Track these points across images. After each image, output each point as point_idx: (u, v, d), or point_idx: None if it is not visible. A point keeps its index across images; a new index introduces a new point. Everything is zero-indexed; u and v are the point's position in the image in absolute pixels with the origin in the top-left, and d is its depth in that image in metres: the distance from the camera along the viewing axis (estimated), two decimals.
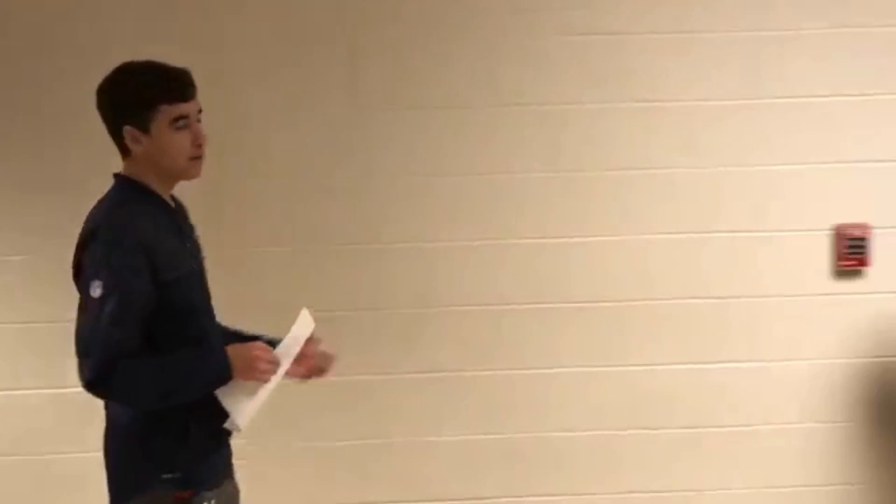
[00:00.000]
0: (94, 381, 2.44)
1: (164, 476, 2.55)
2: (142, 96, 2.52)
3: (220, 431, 2.59)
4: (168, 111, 2.53)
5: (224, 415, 2.53)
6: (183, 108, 2.55)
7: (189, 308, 2.58)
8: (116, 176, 2.61)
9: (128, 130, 2.54)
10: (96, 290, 2.45)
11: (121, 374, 2.43)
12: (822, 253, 3.84)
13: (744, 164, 3.78)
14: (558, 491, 3.88)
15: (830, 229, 3.82)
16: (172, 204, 2.66)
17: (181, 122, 2.54)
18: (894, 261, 3.69)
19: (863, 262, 3.82)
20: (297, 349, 2.65)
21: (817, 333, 3.87)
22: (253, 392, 2.55)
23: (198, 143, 2.57)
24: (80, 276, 2.52)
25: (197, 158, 2.58)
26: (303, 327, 2.69)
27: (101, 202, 2.59)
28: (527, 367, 3.79)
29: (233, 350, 2.54)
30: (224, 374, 2.51)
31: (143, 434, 2.55)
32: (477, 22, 3.71)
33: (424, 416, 3.81)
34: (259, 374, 2.55)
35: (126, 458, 2.59)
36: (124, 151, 2.58)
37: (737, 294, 3.81)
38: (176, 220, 2.64)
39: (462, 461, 3.85)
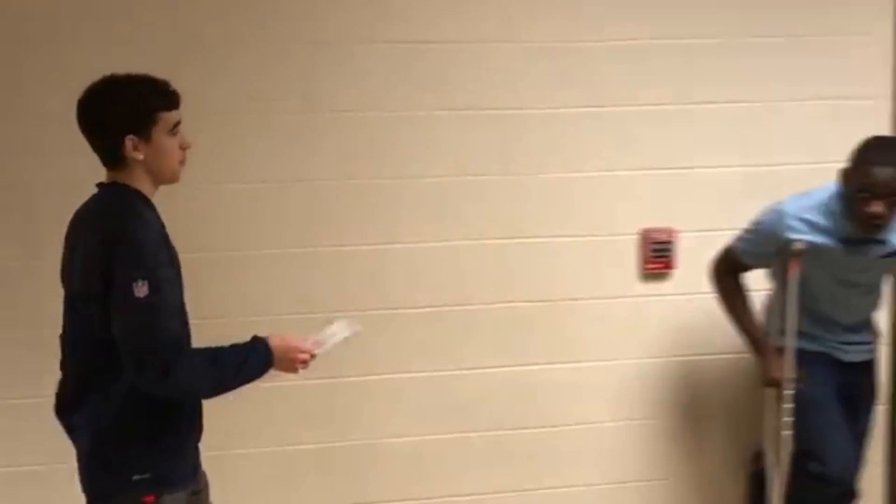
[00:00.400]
0: (162, 377, 2.53)
1: (135, 478, 2.62)
2: (143, 106, 2.63)
3: (190, 430, 2.71)
4: (167, 118, 2.66)
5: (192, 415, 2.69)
6: (176, 114, 2.68)
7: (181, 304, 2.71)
8: (112, 185, 2.68)
9: (129, 140, 2.63)
10: (142, 291, 2.53)
11: (184, 366, 2.56)
12: (629, 256, 3.94)
13: (555, 171, 3.84)
14: (376, 498, 3.87)
15: (637, 233, 3.91)
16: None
17: (176, 129, 2.69)
18: (696, 263, 3.80)
19: (668, 265, 3.94)
20: (330, 345, 2.79)
21: (626, 334, 3.97)
22: None
23: (184, 148, 2.72)
24: (114, 278, 2.55)
25: (182, 163, 2.72)
26: (344, 329, 2.82)
27: (106, 211, 2.65)
28: (343, 374, 3.76)
29: (273, 341, 2.68)
30: (268, 367, 2.67)
31: (118, 436, 2.62)
32: (295, 28, 3.66)
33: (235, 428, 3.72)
34: (297, 366, 2.72)
35: (101, 460, 2.65)
36: (116, 161, 2.66)
37: (548, 297, 3.87)
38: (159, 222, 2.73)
39: (276, 471, 3.79)
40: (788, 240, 3.46)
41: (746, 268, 3.62)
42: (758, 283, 3.70)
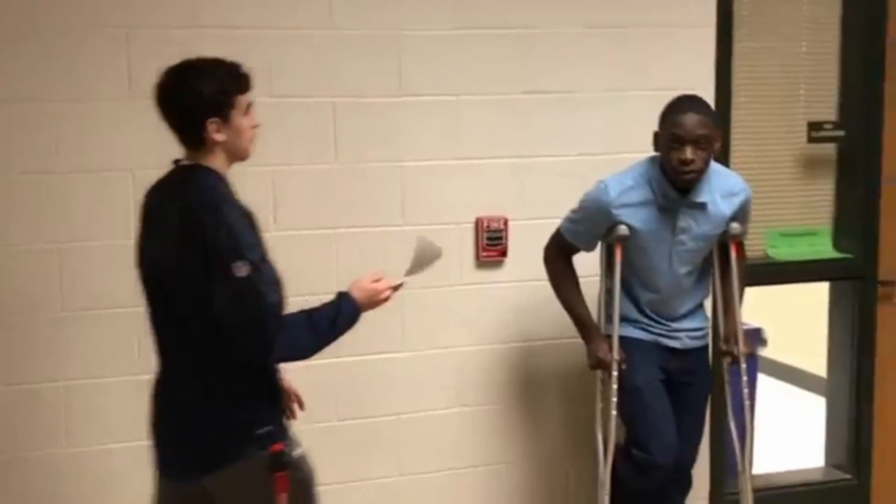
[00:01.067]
0: (269, 350, 2.71)
1: (258, 432, 2.79)
2: (223, 92, 2.79)
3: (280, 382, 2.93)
4: (242, 100, 2.83)
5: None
6: (249, 96, 2.85)
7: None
8: (195, 167, 2.82)
9: (212, 123, 2.78)
10: (242, 270, 2.67)
11: (286, 336, 2.72)
12: (466, 245, 3.97)
13: (387, 160, 3.84)
14: None
15: (472, 222, 3.95)
16: None
17: (249, 109, 2.85)
18: (529, 251, 3.86)
19: (502, 253, 3.99)
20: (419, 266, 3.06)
21: (463, 322, 4.00)
22: None
23: (255, 127, 2.89)
24: (214, 261, 2.67)
25: (252, 142, 2.89)
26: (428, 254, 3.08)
27: (195, 196, 2.76)
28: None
29: (355, 293, 2.89)
30: (357, 316, 2.89)
31: (230, 401, 2.78)
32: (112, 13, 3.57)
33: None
34: (382, 301, 2.95)
35: (217, 427, 2.78)
36: (197, 143, 2.81)
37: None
38: None
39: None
40: (612, 216, 3.54)
41: (575, 250, 3.69)
42: (591, 269, 3.78)
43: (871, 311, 4.56)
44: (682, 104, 3.48)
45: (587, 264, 3.75)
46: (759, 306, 3.95)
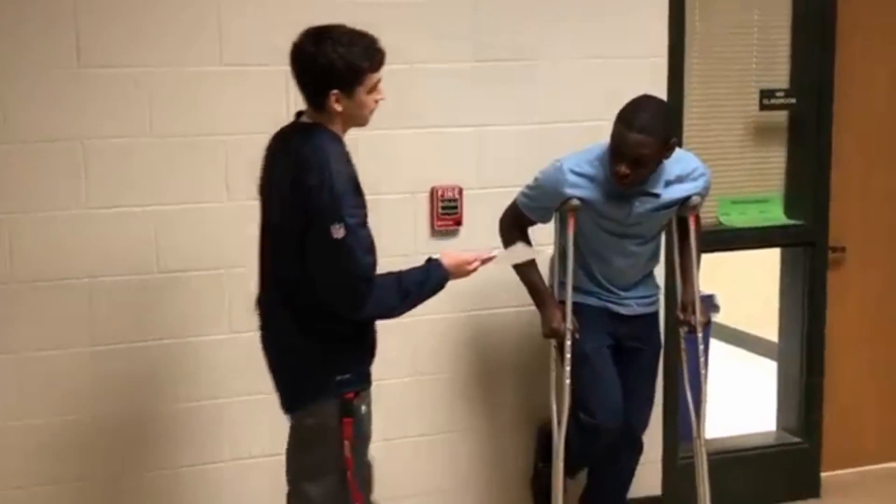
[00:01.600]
0: (359, 308, 2.94)
1: (337, 378, 3.01)
2: (353, 68, 2.91)
3: (373, 340, 3.10)
4: (370, 79, 2.95)
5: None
6: (378, 75, 2.97)
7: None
8: (314, 126, 2.98)
9: (333, 94, 2.91)
10: (339, 232, 2.85)
11: (375, 295, 2.94)
12: (421, 214, 3.96)
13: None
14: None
15: (427, 191, 3.94)
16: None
17: (377, 86, 2.97)
18: (483, 220, 3.86)
19: (457, 222, 3.99)
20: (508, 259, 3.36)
21: None
22: None
23: (377, 101, 3.01)
24: (316, 220, 2.87)
25: (372, 112, 3.03)
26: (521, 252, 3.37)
27: (315, 150, 2.93)
28: None
29: (444, 260, 3.11)
30: (444, 280, 3.10)
31: (318, 346, 3.01)
32: None
33: None
34: (470, 272, 3.16)
35: (304, 368, 3.04)
36: (318, 106, 2.97)
37: None
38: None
39: None
40: (566, 194, 3.56)
41: (530, 222, 3.71)
42: (548, 238, 3.79)
43: (821, 276, 4.62)
44: (633, 118, 3.42)
45: (544, 234, 3.77)
46: (711, 273, 3.98)
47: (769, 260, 4.89)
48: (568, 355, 3.61)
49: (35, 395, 3.64)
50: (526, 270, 3.69)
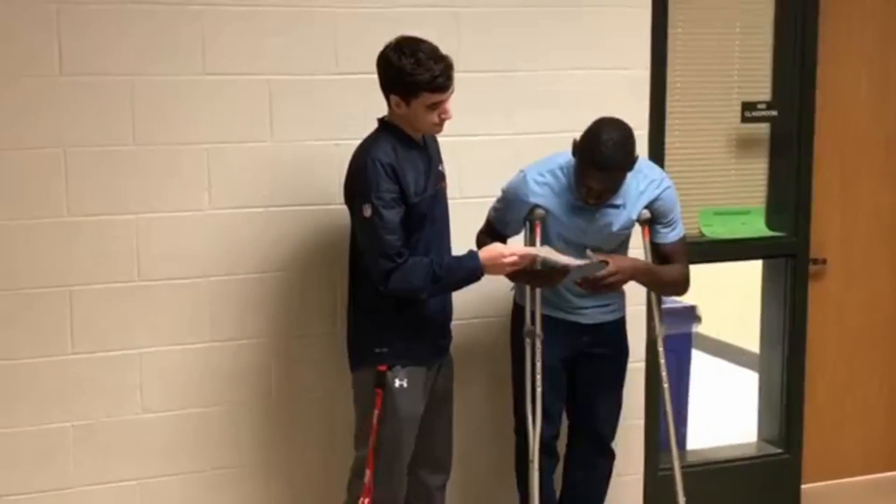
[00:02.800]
0: (382, 280, 3.28)
1: (376, 350, 3.38)
2: (413, 83, 3.23)
3: (427, 322, 3.43)
4: (428, 98, 3.26)
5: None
6: (439, 97, 3.27)
7: (427, 220, 3.37)
8: (380, 120, 3.40)
9: (394, 98, 3.29)
10: (367, 211, 3.25)
11: (401, 274, 3.27)
12: None
13: (325, 139, 3.81)
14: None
15: None
16: (422, 143, 3.42)
17: (435, 106, 3.28)
18: (464, 230, 3.81)
19: None
20: (563, 260, 3.46)
21: None
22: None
23: (442, 119, 3.33)
24: (353, 200, 3.35)
25: (439, 126, 3.36)
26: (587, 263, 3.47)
27: (366, 141, 3.38)
28: None
29: (482, 253, 3.38)
30: (478, 272, 3.36)
31: (368, 317, 3.43)
32: None
33: None
34: (506, 266, 3.38)
35: (357, 336, 3.48)
36: (387, 104, 3.33)
37: None
38: (424, 156, 3.41)
39: None
40: (529, 202, 3.59)
41: (503, 235, 3.71)
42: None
43: (803, 288, 4.63)
44: (600, 152, 3.39)
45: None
46: (693, 284, 3.99)
47: (751, 271, 4.91)
48: (538, 363, 3.62)
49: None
50: None
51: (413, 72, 3.22)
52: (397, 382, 3.39)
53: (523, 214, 3.63)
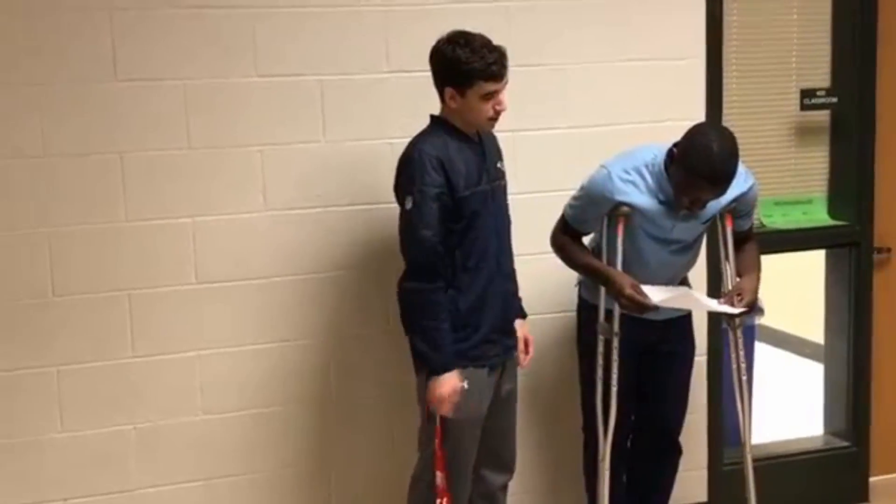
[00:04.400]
0: (409, 274, 3.32)
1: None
2: (467, 72, 3.24)
3: (487, 323, 3.40)
4: (483, 87, 3.25)
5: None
6: (493, 86, 3.27)
7: (474, 217, 3.33)
8: (433, 116, 3.39)
9: (448, 91, 3.29)
10: (409, 203, 3.26)
11: (421, 290, 3.30)
12: None
13: (375, 138, 3.81)
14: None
15: None
16: (476, 139, 3.40)
17: (490, 96, 3.26)
18: (524, 225, 3.78)
19: None
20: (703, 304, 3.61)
21: None
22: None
23: (497, 111, 3.31)
24: (399, 193, 3.35)
25: (493, 120, 3.34)
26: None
27: (417, 136, 3.38)
28: None
29: (442, 378, 3.32)
30: (431, 371, 3.34)
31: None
32: None
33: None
34: (441, 405, 3.33)
35: (412, 339, 3.39)
36: (441, 99, 3.35)
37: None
38: (477, 151, 3.39)
39: None
40: (615, 200, 3.52)
41: (582, 234, 3.67)
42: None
43: (867, 277, 4.54)
44: (717, 167, 3.33)
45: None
46: None
47: (814, 261, 4.83)
48: (616, 360, 3.58)
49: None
50: (583, 260, 3.63)
51: (468, 60, 3.23)
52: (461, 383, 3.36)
53: (605, 212, 3.58)
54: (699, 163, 3.35)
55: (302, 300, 3.82)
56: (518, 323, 3.62)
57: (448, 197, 3.28)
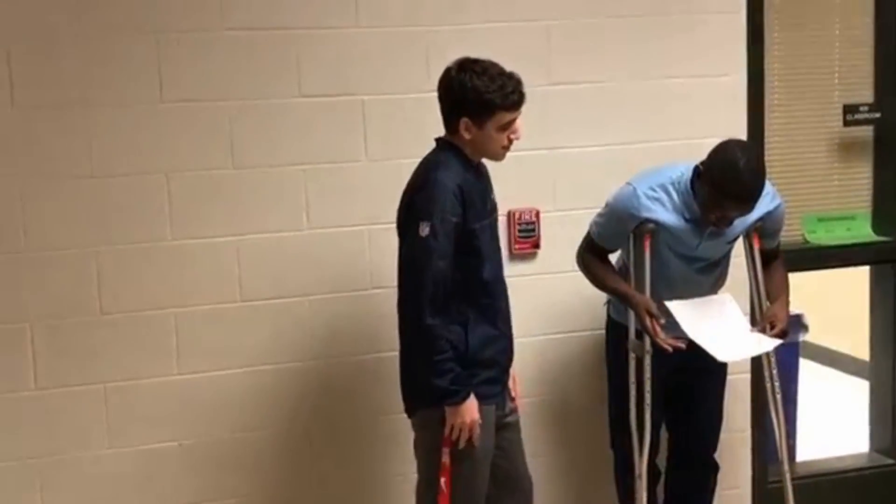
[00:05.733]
0: (414, 309, 3.11)
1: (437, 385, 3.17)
2: (487, 102, 3.10)
3: (493, 359, 3.26)
4: (502, 117, 3.13)
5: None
6: (512, 115, 3.15)
7: (479, 251, 3.20)
8: (440, 140, 3.23)
9: (464, 122, 3.13)
10: (425, 230, 3.07)
11: (432, 326, 3.10)
12: (501, 238, 3.94)
13: (418, 157, 3.83)
14: None
15: (505, 215, 3.92)
16: (480, 169, 3.27)
17: (508, 126, 3.14)
18: (561, 243, 3.85)
19: (535, 245, 3.98)
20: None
21: None
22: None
23: (511, 140, 3.19)
24: (410, 217, 3.14)
25: (506, 149, 3.21)
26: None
27: (428, 160, 3.22)
28: None
29: (462, 408, 3.16)
30: (451, 407, 3.17)
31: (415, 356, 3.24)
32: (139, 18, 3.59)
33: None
34: (462, 432, 3.17)
35: (408, 377, 3.30)
36: (449, 129, 3.20)
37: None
38: (482, 182, 3.26)
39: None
40: (641, 217, 3.53)
41: (607, 251, 3.68)
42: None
43: None
44: (744, 184, 3.33)
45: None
46: (799, 292, 3.92)
47: (859, 276, 4.79)
48: (648, 377, 3.57)
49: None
50: (608, 280, 3.63)
51: (487, 90, 3.09)
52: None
53: (630, 229, 3.58)
54: (725, 180, 3.34)
55: (346, 318, 3.84)
56: None
57: (461, 229, 3.15)
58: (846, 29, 4.41)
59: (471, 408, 3.19)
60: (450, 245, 3.10)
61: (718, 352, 3.47)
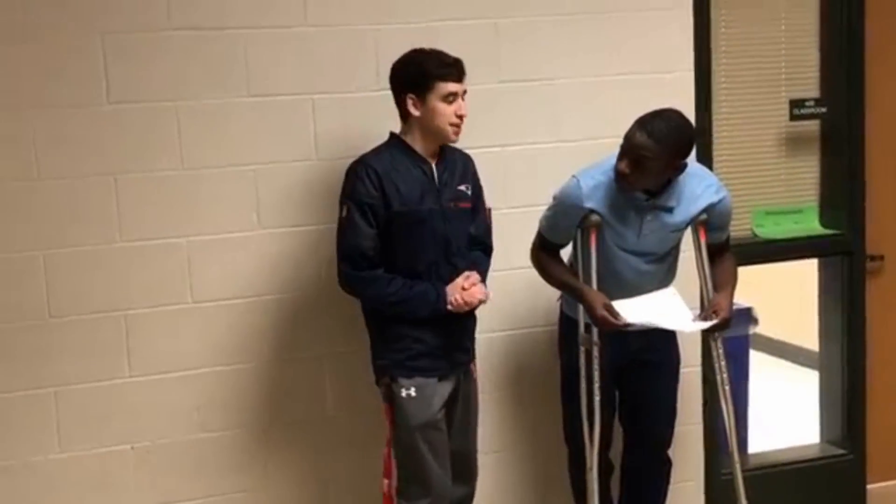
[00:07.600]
0: (341, 281, 3.46)
1: (378, 362, 3.52)
2: (425, 72, 3.34)
3: (432, 336, 3.44)
4: (442, 87, 3.34)
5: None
6: (452, 87, 3.36)
7: (422, 235, 3.41)
8: (391, 135, 3.48)
9: (410, 98, 3.37)
10: (344, 211, 3.39)
11: (362, 279, 3.41)
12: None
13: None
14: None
15: None
16: (430, 159, 3.46)
17: (451, 98, 3.35)
18: (512, 240, 3.86)
19: None
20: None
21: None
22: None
23: (459, 115, 3.39)
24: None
25: (455, 126, 3.39)
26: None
27: (372, 149, 3.47)
28: None
29: (450, 286, 3.44)
30: (436, 302, 3.42)
31: (371, 330, 3.54)
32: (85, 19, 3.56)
33: None
34: (467, 300, 3.46)
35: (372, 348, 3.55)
36: (402, 117, 3.43)
37: None
38: (427, 171, 3.45)
39: None
40: (585, 207, 3.56)
41: (558, 247, 3.70)
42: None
43: (860, 285, 4.56)
44: (646, 122, 3.45)
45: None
46: (748, 285, 3.96)
47: (808, 269, 4.85)
48: (596, 370, 3.59)
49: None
50: (565, 279, 3.65)
51: (423, 62, 3.35)
52: (404, 392, 3.44)
53: (576, 221, 3.60)
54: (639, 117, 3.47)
55: (298, 317, 3.84)
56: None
57: (382, 209, 3.37)
58: (791, 24, 4.46)
59: (449, 288, 3.44)
60: (368, 222, 3.37)
61: (670, 325, 3.58)
